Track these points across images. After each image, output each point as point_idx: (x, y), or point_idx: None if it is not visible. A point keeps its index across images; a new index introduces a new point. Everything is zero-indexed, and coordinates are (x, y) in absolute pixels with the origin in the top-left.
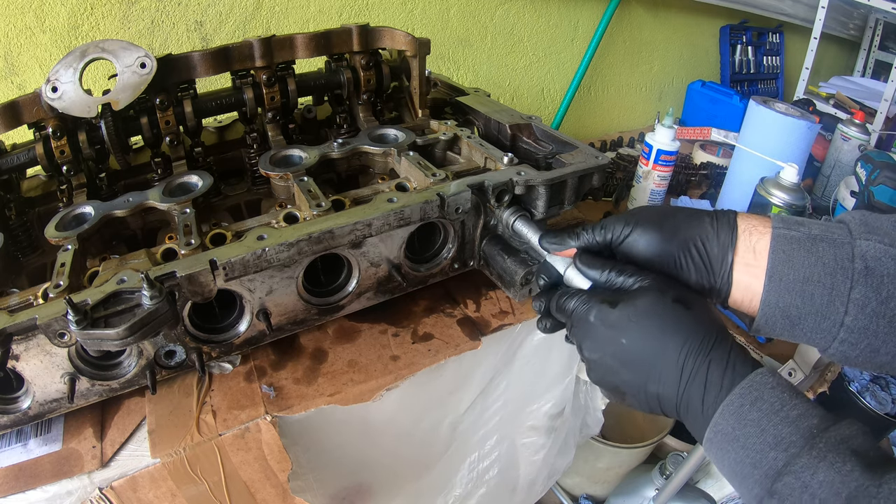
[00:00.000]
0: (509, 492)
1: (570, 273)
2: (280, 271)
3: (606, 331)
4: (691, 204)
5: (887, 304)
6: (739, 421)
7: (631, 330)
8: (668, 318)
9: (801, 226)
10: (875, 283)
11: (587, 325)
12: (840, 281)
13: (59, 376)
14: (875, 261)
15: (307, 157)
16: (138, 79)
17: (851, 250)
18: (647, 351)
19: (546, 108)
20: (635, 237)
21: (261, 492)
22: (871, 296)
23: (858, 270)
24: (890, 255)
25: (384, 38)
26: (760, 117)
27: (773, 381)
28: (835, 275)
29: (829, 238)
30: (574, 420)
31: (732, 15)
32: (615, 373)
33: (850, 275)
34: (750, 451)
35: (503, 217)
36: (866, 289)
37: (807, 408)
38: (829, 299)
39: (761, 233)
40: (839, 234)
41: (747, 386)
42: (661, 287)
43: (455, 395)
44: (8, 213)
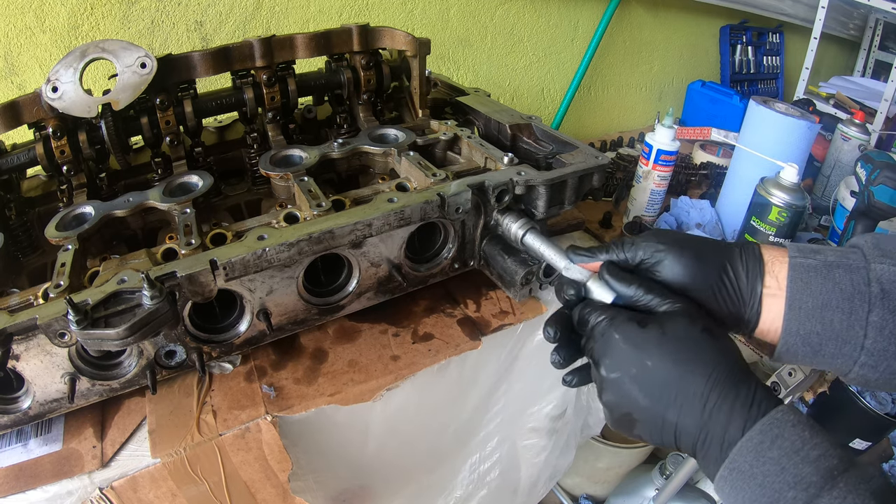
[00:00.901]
0: (510, 493)
1: (592, 285)
2: (280, 271)
3: (631, 350)
4: (691, 204)
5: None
6: (758, 458)
7: (658, 353)
8: (698, 346)
9: (817, 253)
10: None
11: (610, 341)
12: (858, 305)
13: (60, 376)
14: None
15: (307, 157)
16: (138, 79)
17: (867, 274)
18: (671, 377)
19: (546, 108)
20: (671, 261)
21: (261, 492)
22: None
23: (875, 294)
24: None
25: (384, 38)
26: (760, 117)
27: (795, 418)
28: (852, 300)
29: (844, 264)
30: (575, 421)
31: (732, 15)
32: (632, 397)
33: (868, 298)
34: (768, 490)
35: (511, 230)
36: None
37: (827, 447)
38: (848, 324)
39: (781, 262)
40: (854, 259)
41: (768, 423)
42: (692, 314)
43: (458, 400)
44: (8, 213)
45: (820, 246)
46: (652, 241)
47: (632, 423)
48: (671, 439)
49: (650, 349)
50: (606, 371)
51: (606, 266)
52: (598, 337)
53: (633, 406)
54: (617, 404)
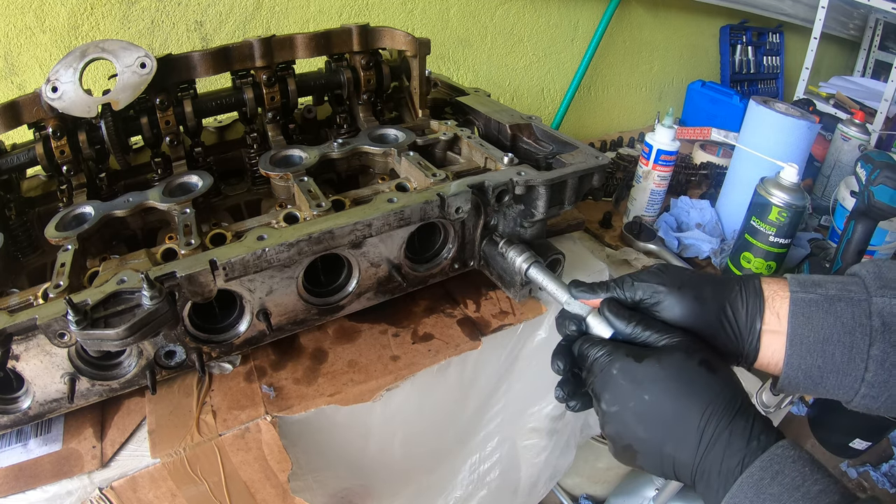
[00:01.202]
0: (510, 493)
1: (592, 320)
2: (280, 271)
3: (629, 385)
4: (691, 204)
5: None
6: (759, 495)
7: (654, 388)
8: (694, 380)
9: (818, 287)
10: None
11: (609, 377)
12: (859, 339)
13: (59, 376)
14: (892, 317)
15: (307, 157)
16: (138, 79)
17: (868, 307)
18: (668, 411)
19: (546, 108)
20: (670, 302)
21: (261, 492)
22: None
23: (876, 327)
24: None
25: (384, 38)
26: (760, 117)
27: (795, 454)
28: (853, 333)
29: (845, 297)
30: (576, 421)
31: (732, 15)
32: (631, 430)
33: (869, 332)
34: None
35: (516, 263)
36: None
37: (827, 484)
38: (849, 357)
39: (782, 297)
40: (855, 291)
41: (768, 459)
42: (689, 348)
43: (458, 400)
44: (8, 213)
45: (821, 277)
46: (652, 282)
47: (633, 454)
48: (671, 472)
49: (647, 384)
50: (607, 405)
51: (606, 302)
52: (598, 372)
53: (634, 438)
54: (618, 436)
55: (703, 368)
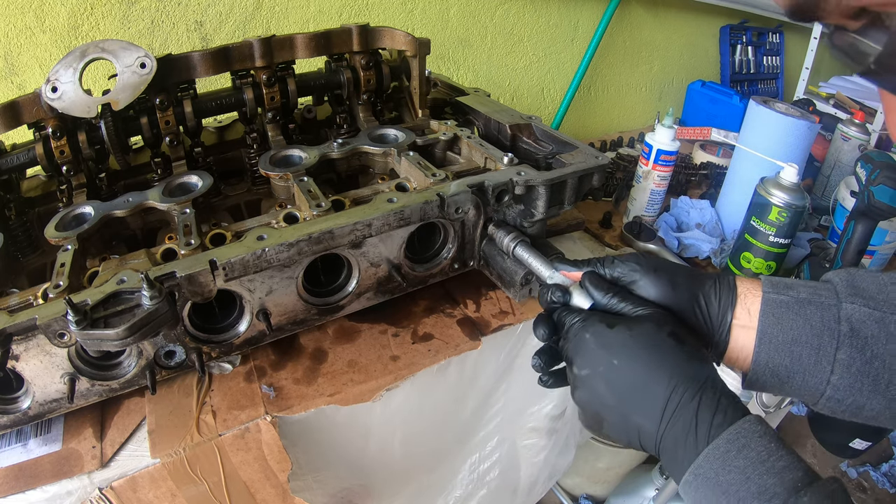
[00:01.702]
0: (510, 493)
1: (573, 291)
2: (280, 271)
3: (599, 350)
4: (691, 204)
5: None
6: (724, 466)
7: (623, 353)
8: (662, 348)
9: (790, 289)
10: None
11: (582, 341)
12: (826, 342)
13: (59, 376)
14: (860, 323)
15: (307, 157)
16: (138, 79)
17: (837, 312)
18: (635, 378)
19: (546, 108)
20: (646, 283)
21: (261, 492)
22: (855, 356)
23: (844, 332)
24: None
25: (384, 38)
26: (760, 117)
27: (761, 429)
28: (821, 336)
29: (816, 301)
30: (575, 421)
31: (732, 15)
32: (600, 395)
33: (836, 336)
34: (732, 499)
35: (504, 243)
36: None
37: (792, 460)
38: (816, 359)
39: (755, 296)
40: (826, 296)
41: (735, 432)
42: (660, 320)
43: (457, 400)
44: (8, 213)
45: (793, 281)
46: (631, 262)
47: (600, 422)
48: (636, 441)
49: (616, 349)
50: (578, 369)
51: (587, 275)
52: (572, 337)
53: (601, 405)
54: (587, 402)
55: (672, 340)
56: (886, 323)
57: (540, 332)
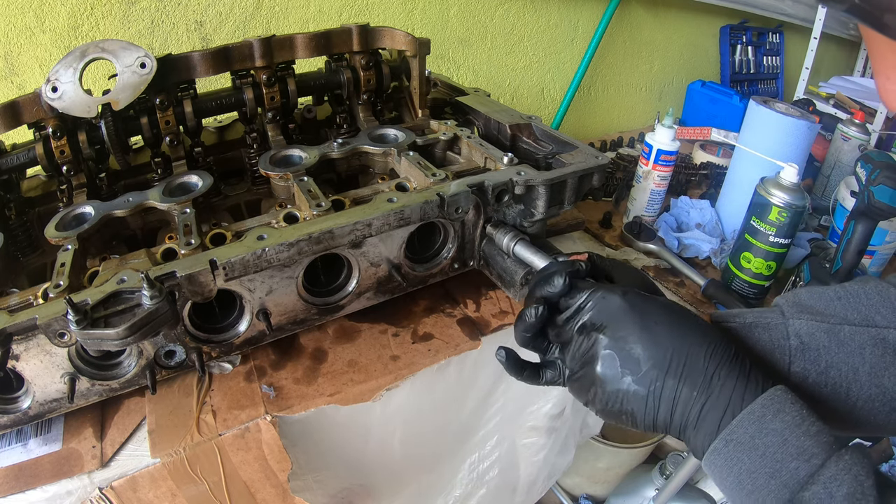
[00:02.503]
0: (510, 492)
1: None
2: (280, 271)
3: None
4: (691, 204)
5: (827, 374)
6: (760, 430)
7: (665, 317)
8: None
9: (736, 317)
10: (812, 357)
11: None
12: (778, 358)
13: (59, 376)
14: (809, 336)
15: (307, 157)
16: (138, 79)
17: (785, 329)
18: (676, 342)
19: (546, 108)
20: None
21: (261, 492)
22: (809, 368)
23: (794, 346)
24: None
25: (384, 38)
26: (760, 117)
27: (793, 396)
28: (773, 354)
29: (762, 323)
30: (574, 420)
31: (732, 15)
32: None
33: (788, 351)
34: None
35: (503, 243)
36: (804, 362)
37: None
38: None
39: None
40: (772, 317)
41: (769, 397)
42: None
43: (457, 399)
44: (8, 213)
45: (740, 310)
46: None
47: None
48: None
49: (657, 312)
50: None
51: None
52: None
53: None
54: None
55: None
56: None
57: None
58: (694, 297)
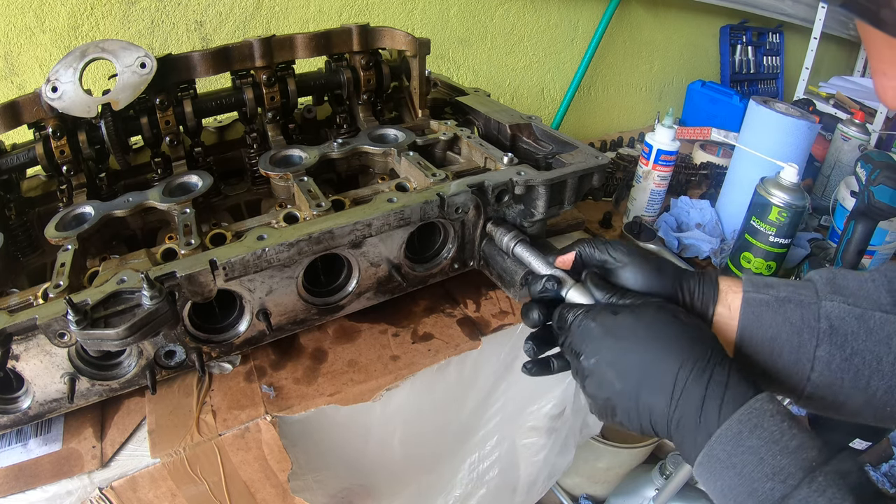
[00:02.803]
0: (510, 492)
1: (573, 292)
2: (280, 271)
3: (606, 336)
4: (691, 204)
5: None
6: (737, 447)
7: (631, 336)
8: (669, 329)
9: (770, 288)
10: (839, 341)
11: (588, 330)
12: (806, 339)
13: (59, 376)
14: (839, 320)
15: (307, 157)
16: (138, 79)
17: (817, 310)
18: (644, 359)
19: (546, 108)
20: (633, 269)
21: (261, 492)
22: (835, 353)
23: (823, 330)
24: (854, 315)
25: (384, 38)
26: (760, 117)
27: (773, 408)
28: (801, 334)
29: (796, 299)
30: (574, 420)
31: (732, 15)
32: (609, 382)
33: (816, 333)
34: (746, 480)
35: (503, 242)
36: (831, 346)
37: (805, 438)
38: (795, 357)
39: (735, 292)
40: (806, 294)
41: (747, 412)
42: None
43: (457, 400)
44: (8, 213)
45: (774, 279)
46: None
47: (613, 409)
48: (648, 424)
49: (623, 332)
50: (586, 359)
51: (590, 275)
52: (576, 329)
53: (612, 390)
54: (598, 391)
55: (677, 320)
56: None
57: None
58: None
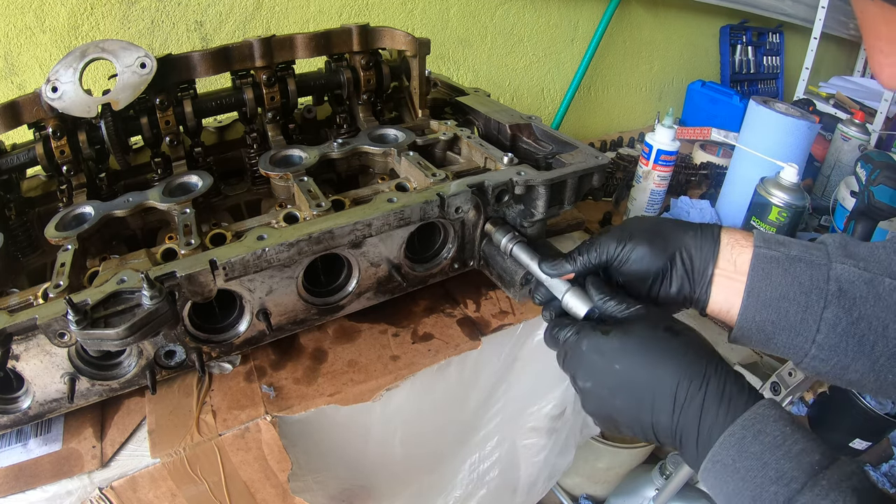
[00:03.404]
0: (510, 492)
1: (568, 297)
2: (280, 271)
3: (598, 359)
4: (691, 204)
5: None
6: (741, 453)
7: (623, 358)
8: (661, 345)
9: (782, 245)
10: (847, 305)
11: (579, 353)
12: (814, 300)
13: (59, 376)
14: (849, 283)
15: (307, 157)
16: (138, 79)
17: (827, 272)
18: (639, 379)
19: (546, 108)
20: (627, 254)
21: (261, 492)
22: (842, 316)
23: (832, 292)
24: (863, 279)
25: (384, 38)
26: (760, 117)
27: (776, 413)
28: (809, 294)
29: (807, 259)
30: (575, 421)
31: (732, 15)
32: (608, 402)
33: (824, 295)
34: (750, 485)
35: (501, 243)
36: (838, 309)
37: (808, 442)
38: (802, 317)
39: (743, 247)
40: (817, 255)
41: (750, 417)
42: (652, 317)
43: (457, 400)
44: (8, 213)
45: (786, 238)
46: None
47: (616, 424)
48: (652, 436)
49: (615, 354)
50: (581, 382)
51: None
52: (569, 351)
53: (612, 409)
54: (598, 410)
55: (668, 334)
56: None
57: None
58: None
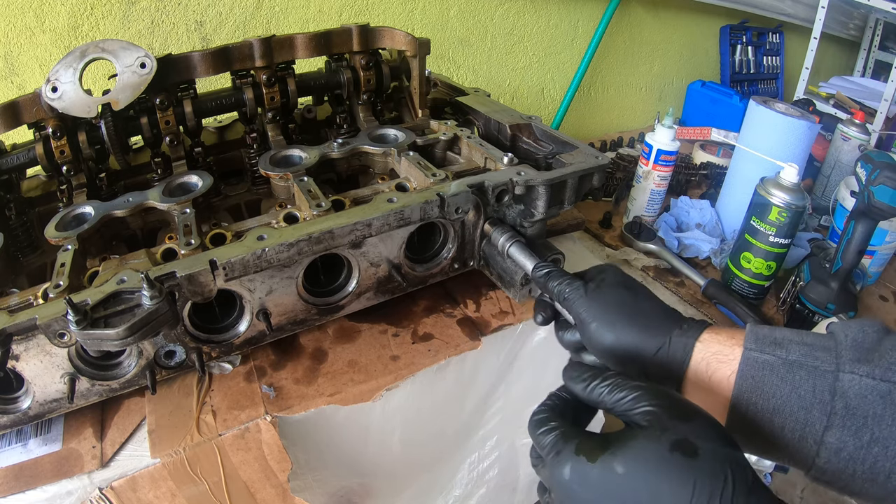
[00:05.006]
0: (509, 492)
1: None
2: (280, 271)
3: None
4: (691, 204)
5: (869, 450)
6: None
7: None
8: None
9: (779, 347)
10: (855, 426)
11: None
12: (815, 418)
13: (59, 376)
14: (859, 399)
15: (307, 157)
16: (138, 79)
17: (833, 384)
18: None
19: (546, 108)
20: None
21: (261, 492)
22: (847, 440)
23: (837, 410)
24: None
25: (384, 38)
26: (760, 117)
27: None
28: (810, 411)
29: (808, 365)
30: None
31: (732, 15)
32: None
33: (827, 413)
34: None
35: (499, 242)
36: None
37: None
38: (800, 436)
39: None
40: (822, 359)
41: None
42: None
43: (457, 400)
44: (8, 213)
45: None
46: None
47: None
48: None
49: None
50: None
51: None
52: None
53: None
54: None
55: (678, 454)
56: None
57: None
58: (694, 298)
